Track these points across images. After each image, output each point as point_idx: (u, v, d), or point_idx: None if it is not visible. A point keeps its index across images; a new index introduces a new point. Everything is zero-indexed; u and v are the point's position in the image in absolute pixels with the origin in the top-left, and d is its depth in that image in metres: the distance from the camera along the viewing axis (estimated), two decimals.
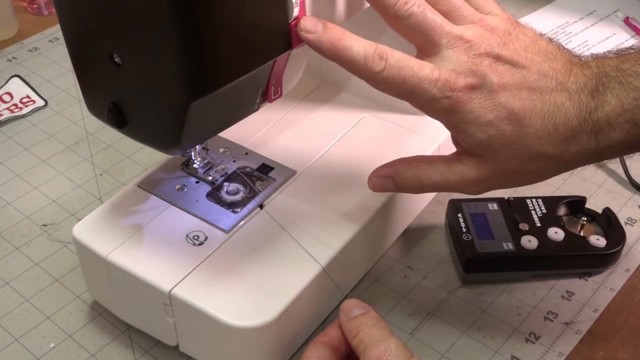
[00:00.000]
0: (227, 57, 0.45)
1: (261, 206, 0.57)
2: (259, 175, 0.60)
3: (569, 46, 0.52)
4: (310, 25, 0.47)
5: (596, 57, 0.50)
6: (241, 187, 0.59)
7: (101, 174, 0.72)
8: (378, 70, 0.47)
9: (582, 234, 0.61)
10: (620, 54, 0.49)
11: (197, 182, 0.59)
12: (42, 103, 0.80)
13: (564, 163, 0.49)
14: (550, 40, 0.50)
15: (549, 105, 0.48)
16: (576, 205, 0.64)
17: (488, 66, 0.47)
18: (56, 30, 0.92)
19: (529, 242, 0.59)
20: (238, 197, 0.58)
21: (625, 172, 0.70)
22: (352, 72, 0.48)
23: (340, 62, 0.48)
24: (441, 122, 0.50)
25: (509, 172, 0.50)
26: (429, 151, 0.63)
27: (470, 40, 0.48)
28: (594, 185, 0.69)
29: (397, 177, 0.53)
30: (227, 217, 0.56)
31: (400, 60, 0.47)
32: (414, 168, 0.52)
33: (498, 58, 0.48)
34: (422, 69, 0.47)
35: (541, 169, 0.50)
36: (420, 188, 0.53)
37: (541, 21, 0.92)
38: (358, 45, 0.47)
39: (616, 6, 0.94)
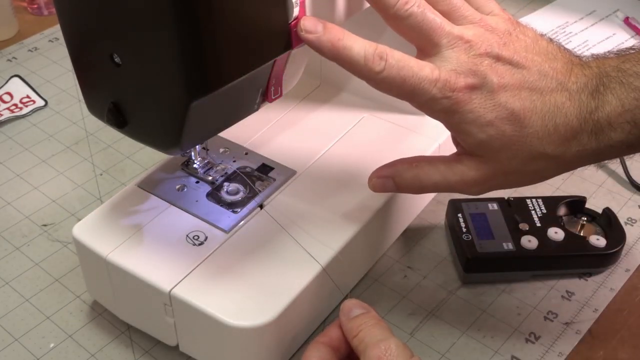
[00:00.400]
0: (227, 57, 0.45)
1: (261, 206, 0.57)
2: (259, 175, 0.60)
3: (569, 46, 0.52)
4: (310, 25, 0.47)
5: (597, 58, 0.50)
6: (241, 187, 0.59)
7: (101, 174, 0.72)
8: (378, 70, 0.47)
9: (582, 234, 0.61)
10: (621, 54, 0.49)
11: (197, 182, 0.59)
12: (42, 103, 0.80)
13: (565, 163, 0.49)
14: (551, 40, 0.50)
15: (549, 106, 0.48)
16: (576, 205, 0.64)
17: (488, 66, 0.47)
18: (56, 30, 0.92)
19: (529, 242, 0.59)
20: (238, 197, 0.58)
21: (625, 172, 0.70)
22: (352, 72, 0.48)
23: (340, 62, 0.48)
24: (441, 122, 0.50)
25: (509, 173, 0.50)
26: (429, 151, 0.63)
27: (470, 41, 0.48)
28: (594, 185, 0.69)
29: (397, 178, 0.53)
30: (227, 217, 0.56)
31: (400, 60, 0.47)
32: (414, 168, 0.52)
33: (498, 58, 0.48)
34: (422, 69, 0.47)
35: (541, 169, 0.50)
36: (420, 188, 0.53)
37: (541, 21, 0.92)
38: (358, 46, 0.47)
39: (616, 6, 0.94)
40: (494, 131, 0.48)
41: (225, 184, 0.59)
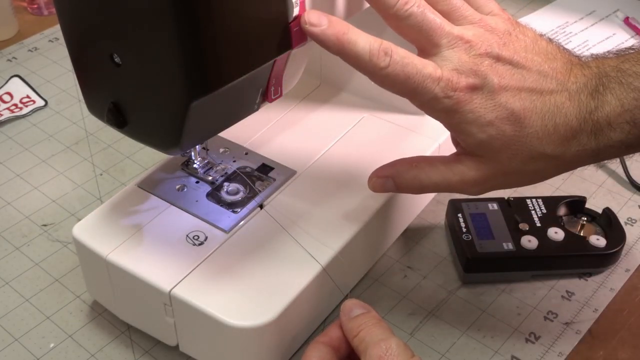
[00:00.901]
0: (227, 57, 0.45)
1: (261, 206, 0.57)
2: (259, 175, 0.60)
3: (569, 46, 0.52)
4: (314, 18, 0.47)
5: (596, 58, 0.50)
6: (241, 187, 0.59)
7: (101, 174, 0.72)
8: (382, 66, 0.47)
9: (582, 234, 0.61)
10: (620, 54, 0.49)
11: (197, 182, 0.59)
12: (42, 103, 0.80)
13: (564, 163, 0.49)
14: (551, 40, 0.50)
15: (549, 106, 0.48)
16: (576, 205, 0.64)
17: (489, 66, 0.47)
18: (56, 30, 0.92)
19: (529, 242, 0.59)
20: (238, 197, 0.58)
21: (625, 172, 0.70)
22: (356, 67, 0.48)
23: (344, 57, 0.48)
24: (441, 122, 0.50)
25: (509, 173, 0.50)
26: (429, 151, 0.63)
27: (470, 41, 0.48)
28: (594, 185, 0.69)
29: (397, 178, 0.53)
30: (227, 217, 0.56)
31: (404, 57, 0.47)
32: (414, 168, 0.52)
33: (498, 58, 0.48)
34: (425, 67, 0.47)
35: (541, 169, 0.50)
36: (420, 188, 0.53)
37: (541, 21, 0.92)
38: (363, 40, 0.47)
39: (616, 6, 0.94)
40: (494, 131, 0.48)
41: (225, 184, 0.59)
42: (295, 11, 0.47)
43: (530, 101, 0.48)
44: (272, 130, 0.65)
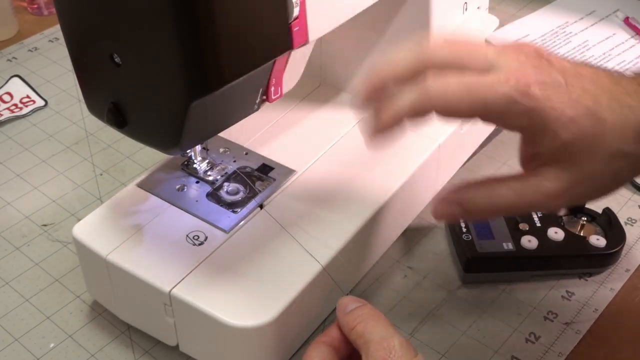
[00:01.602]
0: (227, 57, 0.45)
1: (261, 206, 0.57)
2: (259, 175, 0.60)
3: (568, 46, 0.51)
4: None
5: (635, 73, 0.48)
6: (241, 187, 0.59)
7: (101, 174, 0.72)
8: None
9: (582, 234, 0.61)
10: None
11: (197, 182, 0.59)
12: (42, 103, 0.80)
13: (638, 161, 0.46)
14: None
15: (615, 101, 0.45)
16: (576, 205, 0.64)
17: (547, 64, 0.46)
18: (56, 30, 0.92)
19: (529, 242, 0.59)
20: (238, 197, 0.58)
21: None
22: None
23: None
24: (521, 129, 0.47)
25: (589, 178, 0.47)
26: (429, 151, 0.62)
27: (515, 47, 0.46)
28: None
29: (466, 203, 0.48)
30: (227, 217, 0.56)
31: (452, 78, 0.45)
32: (484, 191, 0.48)
33: (549, 60, 0.46)
34: (484, 77, 0.44)
35: (620, 169, 0.47)
36: (493, 212, 0.50)
37: (541, 21, 0.92)
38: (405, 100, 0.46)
39: (616, 6, 0.94)
40: (576, 129, 0.45)
41: (225, 184, 0.59)
42: (296, 11, 0.47)
43: (599, 98, 0.45)
44: (272, 130, 0.65)
